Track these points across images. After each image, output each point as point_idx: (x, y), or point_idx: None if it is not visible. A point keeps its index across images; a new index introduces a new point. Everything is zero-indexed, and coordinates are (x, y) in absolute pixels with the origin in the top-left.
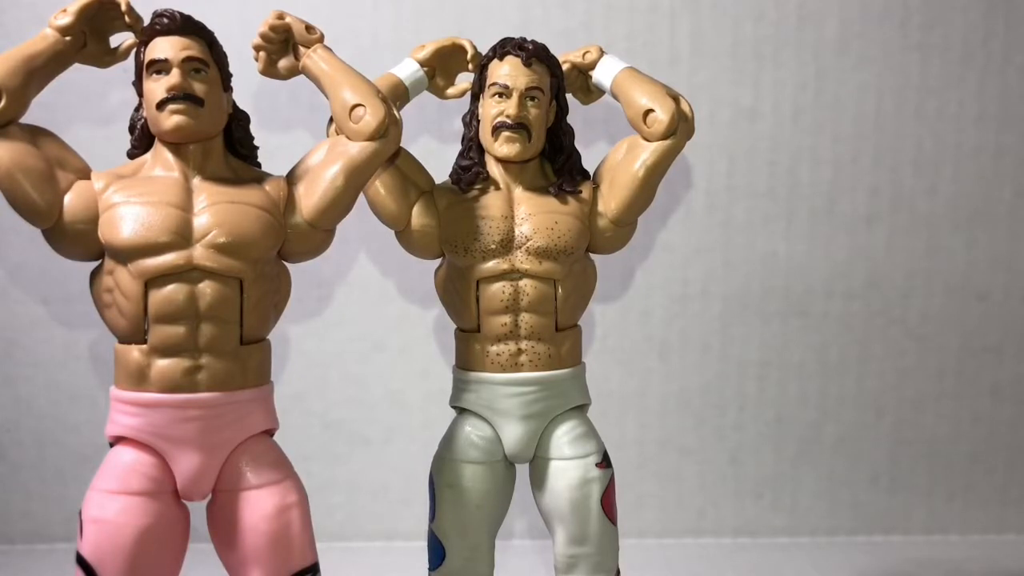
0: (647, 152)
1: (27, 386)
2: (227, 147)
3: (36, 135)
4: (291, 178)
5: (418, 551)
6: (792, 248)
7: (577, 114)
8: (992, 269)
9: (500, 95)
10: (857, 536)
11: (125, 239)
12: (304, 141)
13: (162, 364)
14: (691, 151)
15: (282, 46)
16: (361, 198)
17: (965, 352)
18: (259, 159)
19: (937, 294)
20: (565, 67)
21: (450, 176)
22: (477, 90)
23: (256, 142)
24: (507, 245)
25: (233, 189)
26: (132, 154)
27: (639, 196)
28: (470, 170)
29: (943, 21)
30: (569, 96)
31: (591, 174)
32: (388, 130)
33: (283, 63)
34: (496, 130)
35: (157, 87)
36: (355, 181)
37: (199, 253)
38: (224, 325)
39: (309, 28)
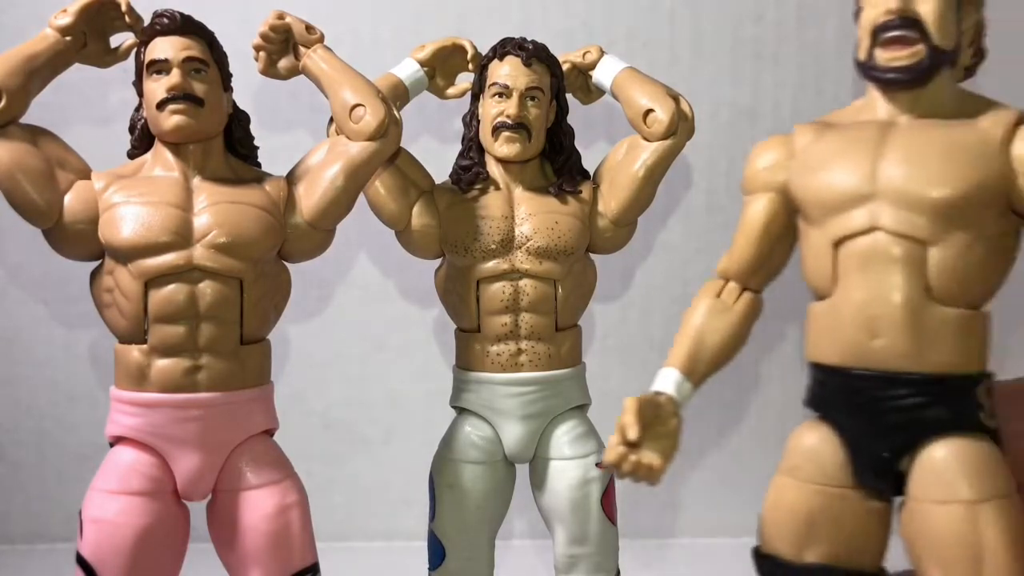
0: (647, 152)
1: (27, 386)
2: (227, 147)
3: (36, 135)
4: (291, 178)
5: (418, 551)
6: None
7: (577, 114)
8: None
9: (500, 95)
10: None
11: (125, 239)
12: (304, 141)
13: (162, 364)
14: (691, 151)
15: (282, 46)
16: (361, 198)
17: None
18: (259, 159)
19: None
20: (565, 67)
21: (450, 176)
22: (477, 90)
23: (256, 142)
24: (507, 245)
25: (233, 189)
26: (132, 154)
27: (639, 196)
28: (470, 170)
29: None
30: (569, 96)
31: (591, 174)
32: (388, 130)
33: (283, 63)
34: (496, 130)
35: (157, 87)
36: (355, 181)
37: (199, 253)
38: (224, 325)
39: (309, 28)
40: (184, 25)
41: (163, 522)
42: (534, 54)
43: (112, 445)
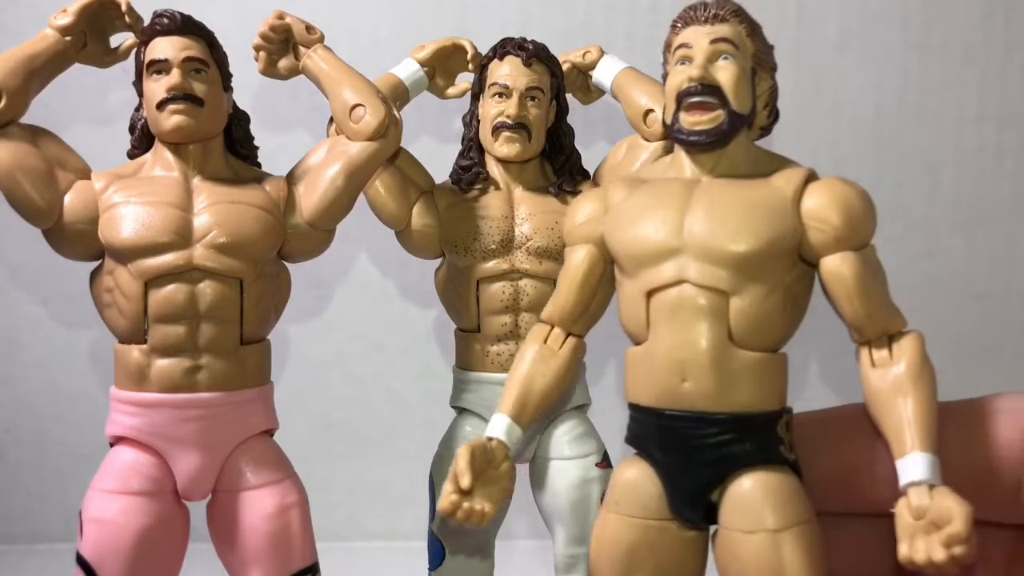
0: (647, 152)
1: (27, 386)
2: (227, 147)
3: (36, 135)
4: (291, 178)
5: (418, 551)
6: None
7: (577, 114)
8: (992, 269)
9: (500, 95)
10: None
11: (125, 239)
12: (304, 141)
13: (162, 364)
14: None
15: (282, 46)
16: (361, 198)
17: (965, 352)
18: (259, 159)
19: (937, 294)
20: (565, 67)
21: (450, 176)
22: (477, 90)
23: (256, 142)
24: (507, 245)
25: (233, 189)
26: (132, 154)
27: None
28: (470, 170)
29: (943, 21)
30: (569, 96)
31: (591, 174)
32: (388, 130)
33: (283, 63)
34: (496, 130)
35: (157, 87)
36: (355, 181)
37: (199, 253)
38: (224, 325)
39: (309, 28)
40: (184, 25)
41: (163, 522)
42: (534, 54)
43: (112, 445)
